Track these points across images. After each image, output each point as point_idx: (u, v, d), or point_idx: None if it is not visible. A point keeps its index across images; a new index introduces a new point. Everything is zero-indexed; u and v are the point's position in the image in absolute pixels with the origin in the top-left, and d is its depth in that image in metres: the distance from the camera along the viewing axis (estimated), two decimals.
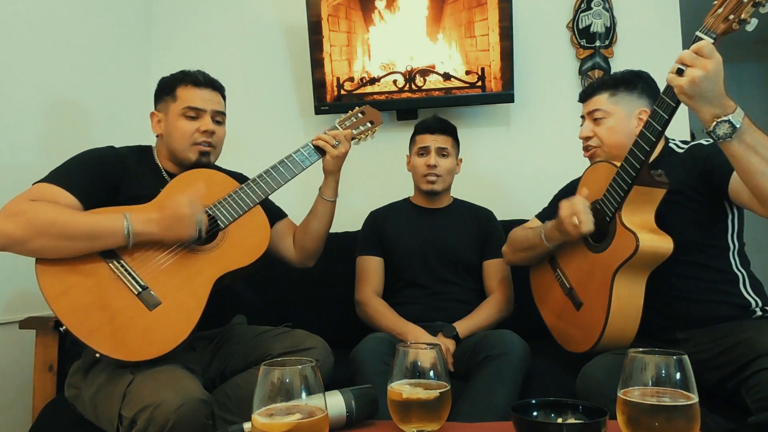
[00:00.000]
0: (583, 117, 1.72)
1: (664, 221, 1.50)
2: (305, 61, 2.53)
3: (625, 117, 1.62)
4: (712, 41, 1.23)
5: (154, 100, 1.68)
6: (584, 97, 1.72)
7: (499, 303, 1.94)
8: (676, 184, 1.51)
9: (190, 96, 1.60)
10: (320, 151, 1.69)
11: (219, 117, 1.65)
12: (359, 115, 1.81)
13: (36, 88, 2.07)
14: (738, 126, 1.22)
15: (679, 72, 1.24)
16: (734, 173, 1.40)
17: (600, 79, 1.74)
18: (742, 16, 1.21)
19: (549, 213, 1.84)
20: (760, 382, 1.27)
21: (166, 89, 1.64)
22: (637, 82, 1.65)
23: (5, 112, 1.94)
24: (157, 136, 1.66)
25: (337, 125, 1.77)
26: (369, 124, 1.81)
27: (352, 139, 1.76)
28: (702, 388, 0.91)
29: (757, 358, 1.31)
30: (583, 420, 1.01)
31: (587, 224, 1.53)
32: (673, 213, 1.52)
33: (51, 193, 1.41)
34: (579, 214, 1.54)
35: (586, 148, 1.70)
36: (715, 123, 1.23)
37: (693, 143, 1.62)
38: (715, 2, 1.25)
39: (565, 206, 1.59)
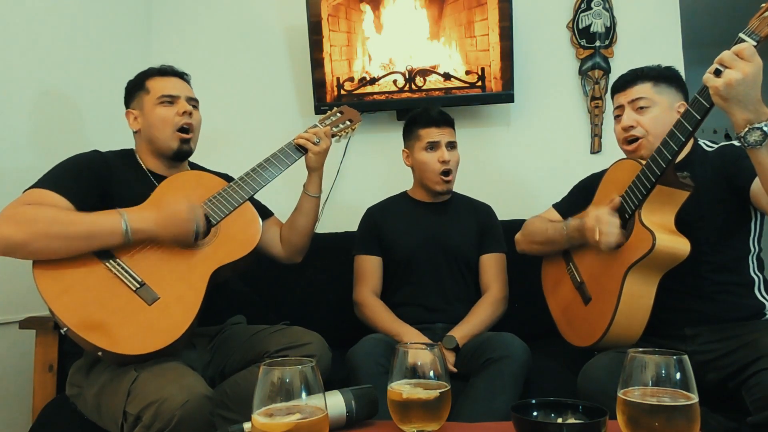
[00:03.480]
0: (620, 107, 1.63)
1: (686, 218, 1.49)
2: (305, 61, 2.53)
3: (668, 108, 1.57)
4: (755, 44, 1.21)
5: (126, 101, 1.71)
6: (624, 86, 1.62)
7: (494, 302, 1.92)
8: (704, 182, 1.50)
9: (161, 85, 1.66)
10: (302, 149, 1.74)
11: (193, 102, 1.70)
12: (338, 114, 1.87)
13: (33, 88, 2.06)
14: None
15: (717, 73, 1.21)
16: (756, 179, 1.39)
17: (636, 69, 1.63)
18: None
19: (567, 204, 1.84)
20: (759, 382, 1.27)
21: (136, 86, 1.68)
22: (672, 78, 1.61)
23: (1, 113, 1.94)
24: (135, 133, 1.69)
25: (317, 123, 1.82)
26: (348, 122, 1.87)
27: (333, 136, 1.81)
28: (704, 387, 0.91)
29: (758, 359, 1.31)
30: (583, 420, 1.01)
31: (607, 244, 1.52)
32: (697, 211, 1.51)
33: (45, 198, 1.42)
34: (602, 232, 1.51)
35: (627, 140, 1.60)
36: (747, 129, 1.21)
37: (724, 143, 1.60)
38: (763, 5, 1.22)
39: (591, 219, 1.57)
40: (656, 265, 1.47)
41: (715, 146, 1.61)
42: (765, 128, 1.20)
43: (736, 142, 1.52)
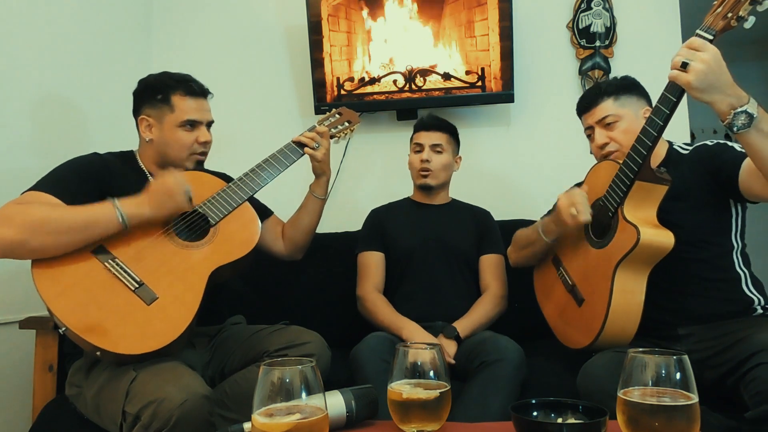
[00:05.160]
0: (590, 128, 1.70)
1: (670, 218, 1.52)
2: (305, 61, 2.53)
3: (634, 118, 1.63)
4: (712, 38, 1.27)
5: (139, 102, 1.65)
6: (587, 107, 1.69)
7: (494, 299, 1.95)
8: (683, 183, 1.53)
9: (186, 107, 1.62)
10: (301, 149, 1.74)
11: (210, 125, 1.70)
12: (336, 115, 1.88)
13: (33, 89, 2.06)
14: (755, 115, 1.25)
15: (684, 67, 1.26)
16: (743, 166, 1.45)
17: (595, 88, 1.72)
18: (740, 13, 1.25)
19: None
20: (756, 377, 1.28)
21: (157, 94, 1.62)
22: (631, 86, 1.68)
23: (1, 114, 1.94)
24: (147, 141, 1.64)
25: (316, 124, 1.83)
26: (347, 123, 1.88)
27: (331, 137, 1.82)
28: (702, 386, 0.91)
29: (754, 354, 1.32)
30: (583, 420, 1.01)
31: (585, 214, 1.56)
32: (679, 210, 1.54)
33: (42, 200, 1.42)
34: (577, 204, 1.57)
35: (604, 156, 1.66)
36: (732, 115, 1.25)
37: (698, 144, 1.65)
38: (715, 2, 1.29)
39: (563, 198, 1.62)
40: (643, 259, 1.50)
41: (690, 148, 1.66)
42: (748, 110, 1.24)
43: (708, 142, 1.61)
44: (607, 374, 1.36)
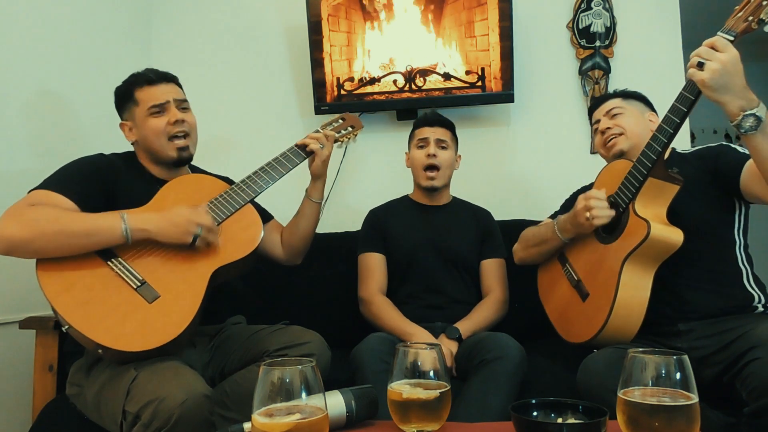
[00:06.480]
0: (597, 121, 1.79)
1: (672, 212, 1.54)
2: (305, 61, 2.53)
3: (639, 114, 1.74)
4: (732, 39, 1.30)
5: (118, 112, 1.69)
6: (598, 104, 1.82)
7: (496, 303, 1.94)
8: (686, 179, 1.55)
9: (148, 96, 1.62)
10: (305, 154, 1.74)
11: (183, 104, 1.67)
12: (339, 120, 1.89)
13: (31, 89, 2.06)
14: (763, 119, 1.28)
15: (700, 66, 1.29)
16: (744, 168, 1.49)
17: (607, 93, 1.88)
18: (762, 16, 1.30)
19: (562, 214, 1.87)
20: (752, 372, 1.29)
21: (125, 97, 1.66)
22: (639, 96, 1.80)
23: (1, 114, 1.94)
24: (132, 144, 1.68)
25: (319, 129, 1.83)
26: (350, 128, 1.89)
27: (335, 141, 1.82)
28: (701, 384, 0.92)
29: (749, 350, 1.33)
30: (583, 420, 1.01)
31: (600, 218, 1.58)
32: (682, 205, 1.55)
33: (49, 199, 1.43)
34: (592, 209, 1.58)
35: (608, 140, 1.73)
36: (742, 116, 1.29)
37: (700, 147, 1.71)
38: (736, 8, 1.33)
39: (580, 200, 1.64)
40: (651, 255, 1.51)
41: (691, 149, 1.72)
42: (758, 113, 1.28)
43: (711, 144, 1.67)
44: (607, 370, 1.37)
